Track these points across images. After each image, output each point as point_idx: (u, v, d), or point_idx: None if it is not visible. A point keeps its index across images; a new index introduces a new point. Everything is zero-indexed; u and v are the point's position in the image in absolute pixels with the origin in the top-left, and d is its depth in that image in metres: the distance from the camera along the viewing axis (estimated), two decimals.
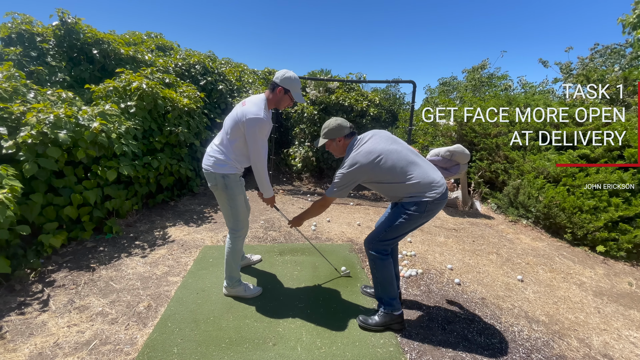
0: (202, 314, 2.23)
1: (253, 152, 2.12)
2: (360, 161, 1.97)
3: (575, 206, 3.84)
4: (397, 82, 5.72)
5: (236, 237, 2.30)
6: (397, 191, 2.02)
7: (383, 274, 2.13)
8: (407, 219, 2.01)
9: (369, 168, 1.98)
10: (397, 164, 1.98)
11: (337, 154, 2.22)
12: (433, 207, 2.00)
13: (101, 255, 3.01)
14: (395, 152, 2.00)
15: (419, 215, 1.99)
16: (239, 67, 8.96)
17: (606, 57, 8.23)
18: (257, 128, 2.05)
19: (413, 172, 1.99)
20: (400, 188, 2.00)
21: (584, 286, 2.96)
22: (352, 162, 1.99)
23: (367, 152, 1.98)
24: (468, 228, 4.22)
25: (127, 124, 3.54)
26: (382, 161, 1.97)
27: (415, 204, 1.98)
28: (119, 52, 4.89)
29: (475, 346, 2.07)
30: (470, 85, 8.79)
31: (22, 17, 4.39)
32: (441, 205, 2.03)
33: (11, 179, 2.55)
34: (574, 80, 6.25)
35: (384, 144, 2.03)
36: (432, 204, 1.98)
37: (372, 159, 1.97)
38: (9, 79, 3.33)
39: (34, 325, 2.10)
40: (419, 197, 1.97)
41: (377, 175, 2.00)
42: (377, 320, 2.15)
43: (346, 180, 2.02)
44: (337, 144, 2.15)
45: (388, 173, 1.98)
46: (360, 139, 2.10)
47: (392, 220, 2.06)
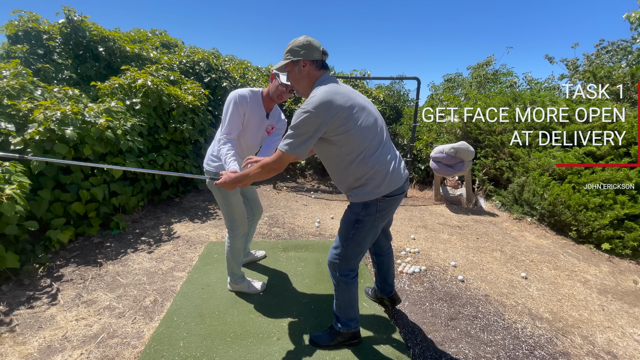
0: (207, 308, 2.26)
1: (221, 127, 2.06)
2: (335, 100, 1.47)
3: (581, 204, 3.82)
4: (401, 78, 5.71)
5: (234, 236, 2.28)
6: (348, 170, 1.62)
7: (344, 297, 1.84)
8: (359, 227, 1.69)
9: (344, 115, 1.49)
10: (369, 132, 1.57)
11: (297, 87, 1.70)
12: (387, 205, 1.67)
13: (108, 251, 3.05)
14: (372, 116, 1.61)
15: (370, 219, 1.67)
16: (243, 64, 8.97)
17: (612, 53, 8.12)
18: (229, 101, 2.02)
19: (382, 153, 1.62)
20: (355, 168, 1.59)
21: (589, 284, 2.95)
22: (323, 98, 1.46)
23: (343, 94, 1.51)
24: (472, 225, 4.22)
25: (132, 120, 3.57)
26: (357, 115, 1.52)
27: (363, 206, 1.65)
28: (125, 50, 4.92)
29: (478, 342, 2.08)
30: (476, 81, 8.73)
31: (28, 15, 4.43)
32: (397, 200, 1.71)
33: (19, 175, 2.59)
34: (580, 76, 6.19)
35: (362, 100, 1.62)
36: (385, 202, 1.65)
37: (349, 105, 1.51)
38: (16, 76, 3.37)
39: (42, 319, 2.14)
40: (366, 194, 1.61)
41: (345, 131, 1.52)
42: (328, 339, 1.94)
43: (310, 124, 1.46)
44: (300, 71, 1.62)
45: (358, 136, 1.54)
46: (332, 79, 1.62)
47: (345, 231, 1.73)
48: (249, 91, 2.08)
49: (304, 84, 1.65)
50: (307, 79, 1.63)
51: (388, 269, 2.18)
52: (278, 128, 2.30)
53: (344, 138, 1.54)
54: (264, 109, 2.16)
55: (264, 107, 2.15)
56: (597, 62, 7.43)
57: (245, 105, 2.04)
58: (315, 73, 1.63)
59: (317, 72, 1.63)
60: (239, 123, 2.05)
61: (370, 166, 1.60)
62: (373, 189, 1.62)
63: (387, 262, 2.17)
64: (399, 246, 3.46)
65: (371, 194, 1.62)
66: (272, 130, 2.28)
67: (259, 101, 2.13)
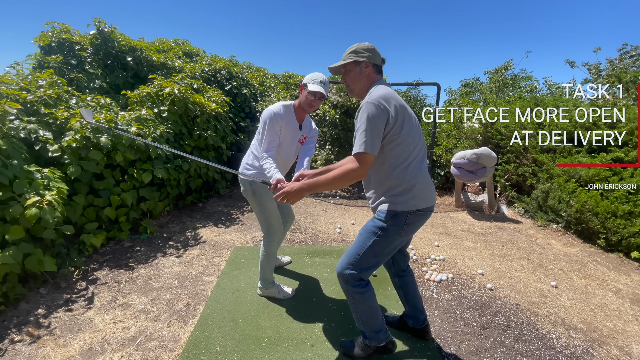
0: (239, 313, 2.29)
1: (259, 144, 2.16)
2: (396, 98, 1.55)
3: (609, 211, 3.74)
4: (421, 84, 5.70)
5: (269, 241, 2.34)
6: (389, 176, 1.60)
7: (364, 308, 1.73)
8: (382, 235, 1.62)
9: (401, 116, 1.53)
10: (416, 142, 1.61)
11: (353, 87, 1.72)
12: (415, 220, 1.63)
13: (138, 255, 3.13)
14: (418, 130, 1.65)
15: (396, 230, 1.61)
16: (260, 71, 9.11)
17: (636, 57, 7.94)
18: (265, 120, 2.09)
19: (418, 165, 1.64)
20: (397, 175, 1.58)
21: (620, 293, 2.88)
22: (386, 94, 1.52)
23: (399, 99, 1.57)
24: (496, 232, 4.16)
25: (161, 128, 3.67)
26: (409, 122, 1.58)
27: (392, 216, 1.59)
28: (151, 59, 5.08)
29: (513, 353, 2.05)
30: (494, 86, 8.65)
31: (61, 27, 4.62)
32: (426, 217, 1.68)
33: (58, 181, 2.69)
34: (604, 81, 6.07)
35: (410, 111, 1.65)
36: (415, 216, 1.61)
37: (404, 109, 1.57)
38: (52, 86, 3.51)
39: (81, 322, 2.21)
40: (400, 203, 1.59)
41: (398, 132, 1.53)
42: (359, 352, 1.87)
43: (378, 118, 1.48)
44: (362, 72, 1.66)
45: (408, 143, 1.57)
46: (388, 86, 1.65)
47: (365, 239, 1.66)
48: (282, 107, 2.13)
49: (362, 84, 1.68)
50: (367, 80, 1.67)
51: (415, 292, 2.04)
52: (310, 137, 2.34)
53: (396, 141, 1.55)
54: (297, 120, 2.22)
55: (296, 119, 2.21)
56: (621, 67, 7.27)
57: (281, 121, 2.12)
58: (374, 76, 1.68)
59: (375, 75, 1.69)
60: (276, 139, 2.13)
61: (412, 176, 1.60)
62: (409, 200, 1.59)
63: (412, 283, 2.04)
64: (424, 253, 3.44)
65: (406, 204, 1.59)
66: (305, 140, 2.32)
67: (292, 115, 2.20)
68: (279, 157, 2.22)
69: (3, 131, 2.58)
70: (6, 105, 2.73)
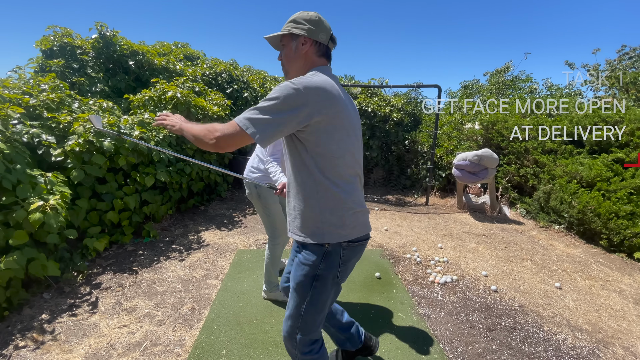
0: (244, 317, 2.29)
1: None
2: (332, 92, 1.15)
3: (611, 212, 3.74)
4: (421, 86, 5.72)
5: (275, 244, 2.35)
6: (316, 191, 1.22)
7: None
8: (319, 285, 1.28)
9: (333, 112, 1.14)
10: (352, 153, 1.25)
11: (287, 67, 1.31)
12: (351, 255, 1.30)
13: (142, 259, 3.12)
14: (359, 142, 1.32)
15: (332, 273, 1.27)
16: (260, 74, 9.11)
17: (635, 59, 7.98)
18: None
19: (358, 187, 1.30)
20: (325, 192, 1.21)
21: (624, 294, 2.88)
22: (320, 82, 1.13)
23: (340, 97, 1.20)
24: (498, 234, 4.17)
25: (164, 131, 3.67)
26: (346, 127, 1.21)
27: (323, 256, 1.25)
28: (153, 63, 5.08)
29: (520, 354, 2.05)
30: (494, 88, 8.68)
31: (63, 31, 4.63)
32: (362, 248, 1.34)
33: (61, 185, 2.68)
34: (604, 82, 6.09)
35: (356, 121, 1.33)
36: (349, 250, 1.28)
37: (343, 109, 1.19)
38: (54, 90, 3.51)
39: (86, 327, 2.20)
40: (327, 234, 1.23)
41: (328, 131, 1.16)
42: None
43: (291, 101, 1.07)
44: (297, 49, 1.26)
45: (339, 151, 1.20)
46: (334, 76, 1.27)
47: (302, 294, 1.31)
48: None
49: (298, 65, 1.28)
50: (303, 61, 1.27)
51: (335, 310, 1.70)
52: None
53: (319, 148, 1.17)
54: None
55: None
56: (620, 68, 7.30)
57: None
58: (314, 58, 1.27)
59: (317, 58, 1.27)
60: (281, 143, 2.10)
61: (343, 197, 1.23)
62: (338, 229, 1.24)
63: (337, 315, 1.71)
64: (427, 255, 3.44)
65: (334, 235, 1.23)
66: None
67: None
68: (284, 161, 2.21)
69: (6, 135, 2.58)
70: (9, 109, 2.73)
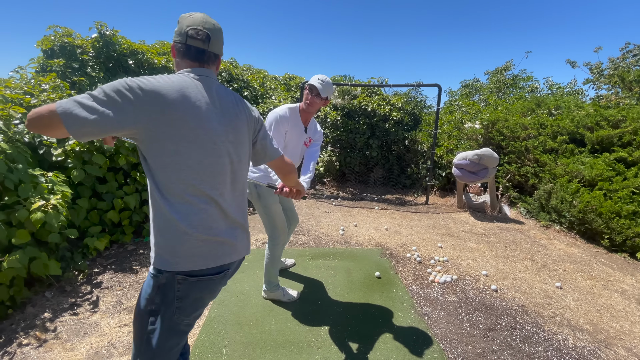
0: (244, 316, 2.29)
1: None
2: (159, 91, 0.97)
3: (613, 211, 3.73)
4: (421, 85, 5.71)
5: (274, 244, 2.34)
6: (155, 204, 1.05)
7: None
8: (156, 324, 1.07)
9: (161, 115, 0.96)
10: (189, 166, 1.03)
11: None
12: (189, 291, 1.07)
13: (142, 258, 3.13)
14: (211, 149, 1.06)
15: (169, 312, 1.06)
16: (260, 73, 9.12)
17: (639, 56, 7.94)
18: (271, 122, 2.08)
19: (193, 201, 1.05)
20: (161, 203, 1.03)
21: (626, 294, 2.87)
22: (158, 85, 0.98)
23: (174, 94, 1.00)
24: (499, 233, 4.16)
25: None
26: (176, 131, 1.00)
27: (158, 289, 1.05)
28: (153, 62, 5.08)
29: (520, 354, 2.04)
30: (494, 87, 8.65)
31: (63, 30, 4.63)
32: (211, 285, 1.12)
33: (62, 185, 2.69)
34: (606, 81, 6.07)
35: (228, 119, 1.11)
36: (186, 285, 1.06)
37: (175, 109, 0.99)
38: (54, 89, 3.51)
39: (87, 326, 2.21)
40: (157, 257, 1.05)
41: (154, 142, 0.99)
42: None
43: (120, 93, 0.91)
44: (174, 55, 1.14)
45: (165, 161, 1.01)
46: (206, 77, 1.10)
47: (139, 332, 1.09)
48: (287, 109, 2.14)
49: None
50: (175, 67, 1.15)
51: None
52: (316, 140, 2.34)
53: (154, 151, 1.00)
54: (302, 123, 2.22)
55: (302, 121, 2.22)
56: (623, 66, 7.26)
57: (287, 124, 2.12)
58: (177, 61, 1.12)
59: (180, 60, 1.11)
60: (282, 142, 2.13)
61: (176, 218, 1.02)
62: (167, 255, 1.04)
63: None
64: (427, 255, 3.44)
65: (163, 262, 1.04)
66: (310, 142, 2.32)
67: (297, 117, 2.20)
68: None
69: (8, 135, 2.59)
70: (11, 109, 2.73)
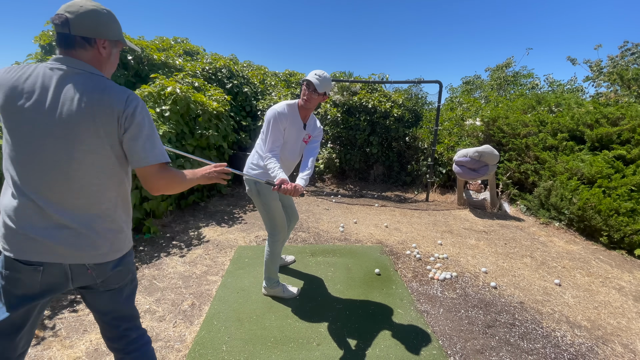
0: (244, 313, 2.30)
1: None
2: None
3: (612, 208, 3.74)
4: (422, 82, 5.70)
5: (274, 241, 2.34)
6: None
7: None
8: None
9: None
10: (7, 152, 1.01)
11: None
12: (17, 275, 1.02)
13: (142, 255, 3.13)
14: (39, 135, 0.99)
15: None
16: (261, 69, 9.08)
17: (637, 54, 7.92)
18: (269, 119, 2.09)
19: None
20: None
21: (624, 291, 2.89)
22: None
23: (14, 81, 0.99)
24: (498, 230, 4.17)
25: (164, 127, 3.66)
26: (6, 115, 0.99)
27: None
28: (152, 58, 5.05)
29: (519, 351, 2.06)
30: (495, 84, 8.64)
31: None
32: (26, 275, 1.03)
33: None
34: (606, 78, 6.06)
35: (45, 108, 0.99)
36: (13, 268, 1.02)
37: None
38: None
39: (87, 322, 2.21)
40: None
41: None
42: None
43: None
44: None
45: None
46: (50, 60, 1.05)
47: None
48: (286, 106, 2.13)
49: None
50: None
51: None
52: (315, 136, 2.34)
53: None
54: (301, 119, 2.21)
55: (300, 118, 2.20)
56: (622, 64, 7.24)
57: (285, 120, 2.10)
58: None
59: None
60: (280, 138, 2.11)
61: (2, 198, 1.07)
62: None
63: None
64: (427, 252, 3.45)
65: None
66: (309, 139, 2.31)
67: (296, 114, 2.18)
68: (283, 157, 2.21)
69: None
70: None
